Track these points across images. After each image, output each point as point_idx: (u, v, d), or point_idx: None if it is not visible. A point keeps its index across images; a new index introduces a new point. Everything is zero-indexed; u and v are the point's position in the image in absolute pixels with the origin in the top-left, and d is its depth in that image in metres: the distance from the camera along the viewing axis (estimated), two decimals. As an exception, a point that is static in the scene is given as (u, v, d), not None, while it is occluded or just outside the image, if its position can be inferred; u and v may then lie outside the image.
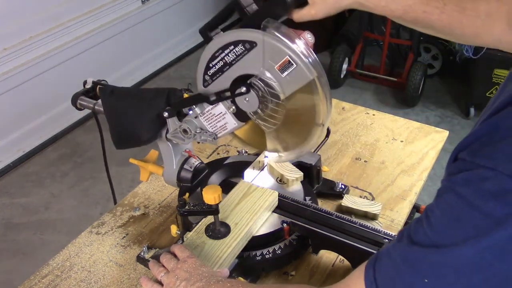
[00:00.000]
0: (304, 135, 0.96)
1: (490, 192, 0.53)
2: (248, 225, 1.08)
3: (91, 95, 1.24)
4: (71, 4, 3.27)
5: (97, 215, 2.66)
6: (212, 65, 0.93)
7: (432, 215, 0.61)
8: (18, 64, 3.02)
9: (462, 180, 0.57)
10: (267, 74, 0.89)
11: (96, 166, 3.09)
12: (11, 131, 3.11)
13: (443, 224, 0.59)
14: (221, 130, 1.04)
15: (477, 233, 0.54)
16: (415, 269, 0.61)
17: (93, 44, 3.46)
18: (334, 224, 1.09)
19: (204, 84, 0.97)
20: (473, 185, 0.55)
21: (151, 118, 1.10)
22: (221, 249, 1.03)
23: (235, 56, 0.90)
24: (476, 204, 0.54)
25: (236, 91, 0.93)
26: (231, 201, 1.15)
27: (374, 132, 1.58)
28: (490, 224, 0.53)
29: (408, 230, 0.64)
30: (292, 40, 0.85)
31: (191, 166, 1.22)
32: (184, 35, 4.28)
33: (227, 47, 0.90)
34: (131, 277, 1.14)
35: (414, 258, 0.61)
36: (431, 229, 0.60)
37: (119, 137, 1.17)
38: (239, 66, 0.91)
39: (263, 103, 0.93)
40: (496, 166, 0.53)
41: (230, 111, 0.99)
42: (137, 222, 1.30)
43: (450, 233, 0.58)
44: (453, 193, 0.58)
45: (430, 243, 0.59)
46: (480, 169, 0.55)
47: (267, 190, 1.17)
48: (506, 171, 0.52)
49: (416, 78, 3.47)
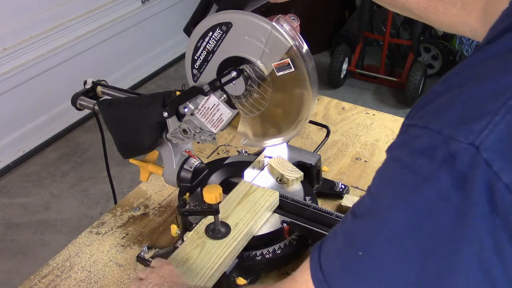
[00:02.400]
0: (283, 127, 0.98)
1: (420, 149, 0.52)
2: (248, 225, 1.07)
3: (91, 95, 1.24)
4: (71, 4, 3.27)
5: (97, 215, 2.66)
6: (196, 57, 0.95)
7: (372, 183, 0.59)
8: (18, 64, 3.02)
9: (397, 143, 0.56)
10: (251, 51, 0.89)
11: (96, 166, 3.09)
12: (11, 131, 3.11)
13: (379, 189, 0.58)
14: (218, 123, 1.04)
15: (406, 191, 0.53)
16: (350, 243, 0.59)
17: (93, 44, 3.46)
18: (334, 224, 1.09)
19: (194, 78, 0.99)
20: (406, 145, 0.54)
21: (150, 125, 1.11)
22: (221, 249, 1.03)
23: (215, 42, 0.91)
24: (407, 163, 0.53)
25: (225, 77, 0.94)
26: (231, 201, 1.15)
27: (374, 132, 1.59)
28: (418, 180, 0.52)
29: (353, 205, 0.63)
30: (270, 19, 0.86)
31: (191, 166, 1.22)
32: (184, 35, 4.26)
33: (206, 34, 0.91)
34: (131, 277, 1.14)
35: (353, 232, 0.59)
36: (369, 198, 0.59)
37: (124, 148, 1.19)
38: (221, 51, 0.92)
39: (249, 87, 0.94)
40: (427, 124, 0.52)
41: (222, 100, 0.99)
42: (137, 222, 1.30)
43: (382, 194, 0.56)
44: (390, 157, 0.57)
45: (368, 212, 0.58)
46: (413, 128, 0.54)
47: (268, 190, 1.16)
48: (435, 127, 0.51)
49: (416, 78, 3.47)
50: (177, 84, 3.96)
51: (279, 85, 0.93)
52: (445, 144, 0.50)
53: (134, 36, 3.81)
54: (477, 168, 0.48)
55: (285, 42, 0.86)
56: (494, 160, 0.48)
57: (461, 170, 0.49)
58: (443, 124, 0.51)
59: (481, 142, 0.48)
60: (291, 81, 0.91)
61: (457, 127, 0.50)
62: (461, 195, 0.50)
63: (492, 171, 0.48)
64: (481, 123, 0.49)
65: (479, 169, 0.48)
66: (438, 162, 0.50)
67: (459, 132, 0.50)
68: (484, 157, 0.48)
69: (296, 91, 0.93)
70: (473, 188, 0.49)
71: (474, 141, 0.48)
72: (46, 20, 3.14)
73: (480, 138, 0.48)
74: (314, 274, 0.62)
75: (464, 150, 0.49)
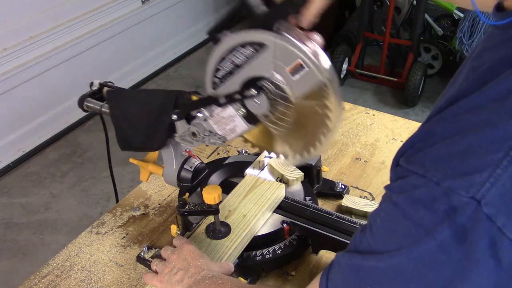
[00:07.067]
0: (314, 139, 0.92)
1: (420, 200, 0.52)
2: (256, 217, 1.09)
3: (97, 96, 1.21)
4: (71, 4, 3.27)
5: (97, 215, 2.66)
6: (221, 67, 0.90)
7: (374, 224, 0.60)
8: (18, 64, 3.02)
9: (397, 188, 0.57)
10: (278, 76, 0.86)
11: (96, 166, 3.09)
12: (11, 131, 3.11)
13: (381, 233, 0.59)
14: (230, 132, 1.01)
15: (409, 242, 0.54)
16: (359, 277, 0.61)
17: (93, 44, 3.46)
18: (334, 224, 1.09)
19: (213, 86, 0.94)
20: (406, 194, 0.54)
21: (160, 125, 1.07)
22: (222, 250, 1.03)
23: (244, 58, 0.87)
24: (408, 213, 0.54)
25: (246, 94, 0.90)
26: (239, 194, 1.16)
27: (374, 132, 1.59)
28: (421, 233, 0.52)
29: (354, 239, 0.64)
30: (304, 42, 0.82)
31: (191, 166, 1.22)
32: (184, 35, 4.28)
33: (236, 48, 0.86)
34: (131, 277, 1.14)
35: (358, 266, 0.61)
36: (372, 238, 0.60)
37: (125, 141, 1.14)
38: (249, 68, 0.88)
39: (273, 105, 0.90)
40: (426, 173, 0.52)
41: (240, 114, 0.96)
42: (137, 222, 1.30)
43: (387, 242, 0.57)
44: (390, 201, 0.57)
45: (371, 251, 0.59)
46: (413, 176, 0.54)
47: (274, 183, 1.18)
48: (434, 178, 0.51)
49: (416, 78, 3.47)
50: (177, 84, 3.96)
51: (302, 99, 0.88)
52: (445, 196, 0.50)
53: (134, 36, 3.81)
54: (479, 223, 0.48)
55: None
56: (496, 216, 0.48)
57: (462, 224, 0.49)
58: (443, 174, 0.51)
59: (482, 196, 0.48)
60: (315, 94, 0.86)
61: (457, 178, 0.50)
62: (462, 250, 0.50)
63: (496, 226, 0.48)
64: (482, 175, 0.48)
65: (481, 224, 0.48)
66: (439, 215, 0.50)
67: (460, 184, 0.49)
68: (486, 212, 0.48)
69: (320, 101, 0.87)
70: (475, 244, 0.49)
71: (475, 195, 0.48)
72: (46, 20, 3.14)
73: (481, 192, 0.48)
74: None
75: (465, 204, 0.49)
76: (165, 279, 0.94)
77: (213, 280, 0.88)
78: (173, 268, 0.93)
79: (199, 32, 4.39)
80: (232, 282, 0.88)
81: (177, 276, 0.92)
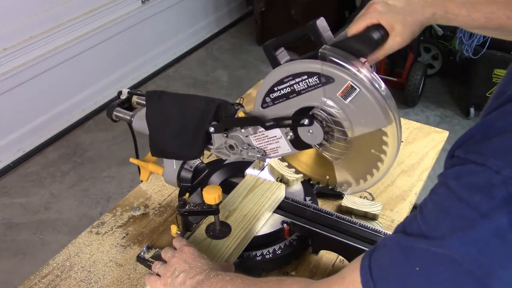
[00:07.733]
0: (375, 161, 0.90)
1: (477, 185, 0.55)
2: (256, 217, 1.09)
3: (126, 106, 1.17)
4: (71, 4, 3.27)
5: (97, 215, 2.66)
6: (277, 89, 0.86)
7: (425, 208, 0.62)
8: (18, 64, 3.02)
9: (453, 174, 0.59)
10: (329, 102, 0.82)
11: (96, 166, 3.08)
12: (11, 131, 3.11)
13: (433, 216, 0.60)
14: (271, 152, 0.97)
15: (463, 225, 0.56)
16: (407, 258, 0.62)
17: (93, 44, 3.46)
18: (334, 225, 1.09)
19: (263, 105, 0.90)
20: (463, 179, 0.57)
21: (199, 134, 1.01)
22: (222, 250, 1.03)
23: (306, 86, 0.83)
24: (464, 197, 0.56)
25: (299, 122, 0.87)
26: (239, 194, 1.16)
27: (374, 132, 1.58)
28: (476, 216, 0.54)
29: (404, 223, 0.65)
30: (357, 67, 0.80)
31: (191, 166, 1.22)
32: (184, 35, 4.28)
33: (300, 75, 0.83)
34: (131, 277, 1.14)
35: (407, 248, 0.62)
36: (423, 221, 0.61)
37: (159, 146, 1.09)
38: (308, 97, 0.84)
39: (328, 133, 0.87)
40: (486, 162, 0.55)
41: (287, 137, 0.92)
42: (137, 222, 1.30)
43: (440, 225, 0.59)
44: (445, 186, 0.59)
45: (422, 234, 0.61)
46: (471, 164, 0.56)
47: (274, 183, 1.18)
48: (494, 166, 0.54)
49: (416, 78, 3.47)
50: (177, 84, 3.96)
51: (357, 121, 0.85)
52: (504, 184, 0.53)
53: (134, 36, 3.81)
54: None
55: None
56: None
57: None
58: (504, 163, 0.53)
59: None
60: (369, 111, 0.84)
61: None
62: None
63: None
64: None
65: None
66: (497, 201, 0.53)
67: None
68: None
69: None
70: None
71: None
72: (46, 20, 3.14)
73: None
74: (365, 280, 0.65)
75: None
76: (168, 282, 0.94)
77: (219, 277, 0.88)
78: (174, 271, 0.94)
79: (199, 32, 4.39)
80: (241, 277, 0.88)
81: (179, 278, 0.92)
